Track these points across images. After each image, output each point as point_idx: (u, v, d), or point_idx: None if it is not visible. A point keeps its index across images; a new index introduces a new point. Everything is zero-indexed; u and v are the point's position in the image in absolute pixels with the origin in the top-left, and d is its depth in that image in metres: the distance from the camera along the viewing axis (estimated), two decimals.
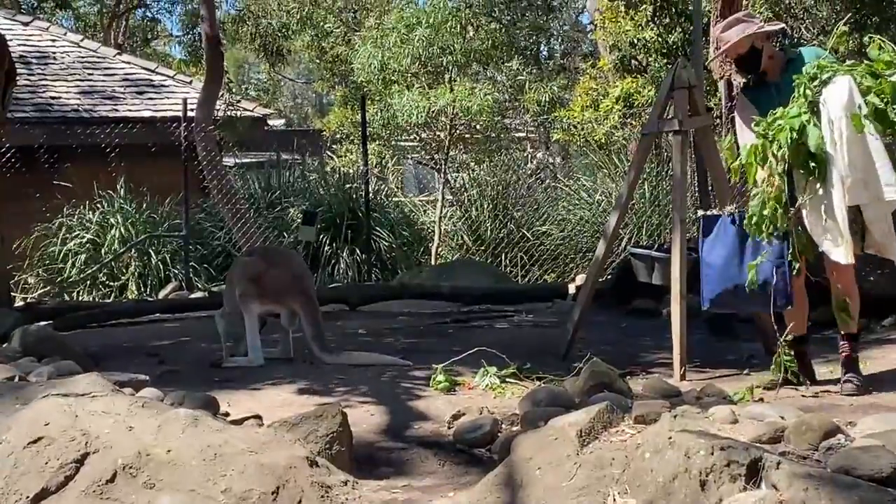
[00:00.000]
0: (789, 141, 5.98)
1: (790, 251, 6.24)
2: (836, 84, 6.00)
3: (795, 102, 6.11)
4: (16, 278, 15.56)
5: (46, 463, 4.72)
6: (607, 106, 18.31)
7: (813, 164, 5.98)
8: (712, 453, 4.02)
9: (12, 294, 11.85)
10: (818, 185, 6.01)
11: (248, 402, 6.47)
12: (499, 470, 4.63)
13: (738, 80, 14.06)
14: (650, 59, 18.10)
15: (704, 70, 12.37)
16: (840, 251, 5.98)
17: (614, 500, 4.21)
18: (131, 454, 4.72)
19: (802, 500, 3.76)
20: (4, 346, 7.88)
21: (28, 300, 14.20)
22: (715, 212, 6.84)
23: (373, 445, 5.66)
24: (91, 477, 4.66)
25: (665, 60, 17.21)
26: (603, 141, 18.38)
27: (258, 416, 5.92)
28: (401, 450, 5.61)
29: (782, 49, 6.80)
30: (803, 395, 6.27)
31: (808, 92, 6.07)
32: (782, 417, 4.91)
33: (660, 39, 17.65)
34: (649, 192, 15.94)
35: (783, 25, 6.67)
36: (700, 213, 6.95)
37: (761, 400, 6.01)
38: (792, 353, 6.53)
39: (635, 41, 17.85)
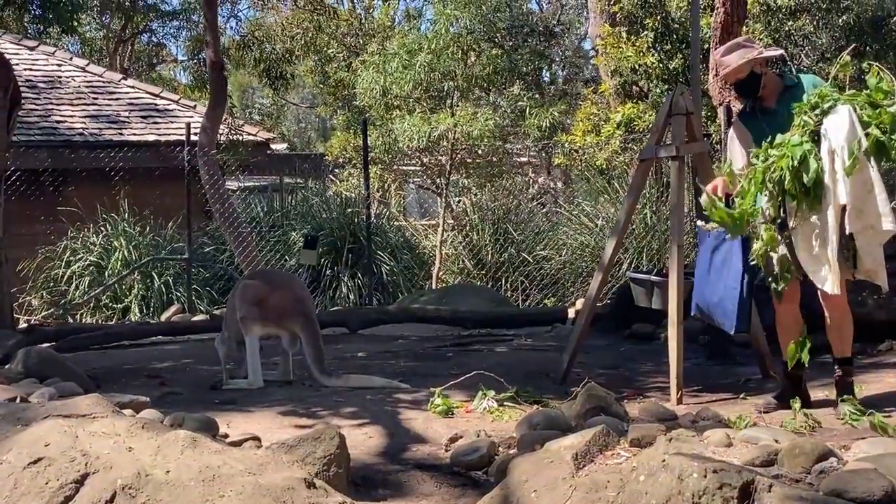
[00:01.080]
0: (790, 168, 6.02)
1: (768, 279, 6.33)
2: (838, 114, 6.03)
3: (796, 130, 6.15)
4: (19, 300, 15.62)
5: (46, 483, 4.76)
6: (608, 131, 18.36)
7: (807, 193, 6.02)
8: (705, 476, 4.06)
9: (16, 316, 11.89)
10: (811, 214, 6.06)
11: (246, 424, 6.51)
12: (495, 492, 4.66)
13: (737, 107, 14.15)
14: (651, 84, 18.17)
15: (703, 96, 12.44)
16: (828, 281, 6.03)
17: None
18: (131, 475, 4.75)
19: None
20: (7, 367, 7.92)
21: (31, 322, 14.25)
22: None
23: (370, 467, 5.68)
24: (90, 497, 4.69)
25: (666, 86, 17.27)
26: (604, 166, 18.43)
27: (257, 438, 5.96)
28: (398, 472, 5.63)
29: (781, 75, 6.85)
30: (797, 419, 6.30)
31: (809, 121, 6.11)
32: (776, 441, 4.96)
33: (661, 65, 17.73)
34: (649, 218, 15.98)
35: (782, 51, 6.71)
36: (699, 223, 7.01)
37: (756, 424, 6.04)
38: (787, 377, 6.60)
39: (636, 67, 17.93)
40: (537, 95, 22.90)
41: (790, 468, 4.55)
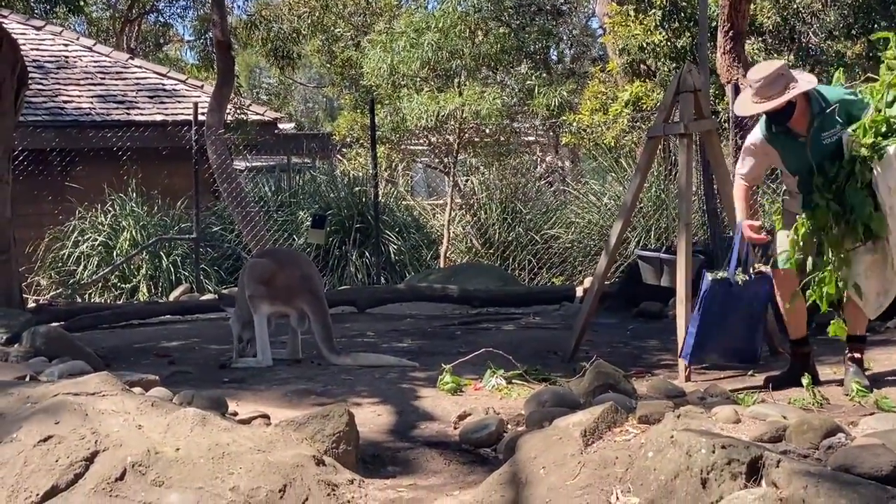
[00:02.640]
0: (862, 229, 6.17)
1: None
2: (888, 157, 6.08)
3: (853, 186, 6.18)
4: (28, 280, 15.65)
5: (56, 461, 4.77)
6: (616, 110, 18.30)
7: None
8: (713, 452, 4.06)
9: (24, 295, 11.92)
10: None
11: (255, 402, 6.52)
12: (503, 469, 4.67)
13: (745, 84, 14.10)
14: (659, 63, 18.11)
15: (711, 74, 12.41)
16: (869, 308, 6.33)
17: (617, 498, 4.26)
18: (140, 452, 4.77)
19: (802, 497, 3.80)
20: (16, 346, 7.93)
21: (40, 302, 14.28)
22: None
23: (379, 445, 5.70)
24: (100, 475, 4.71)
25: (674, 64, 17.22)
26: (612, 144, 18.39)
27: (266, 416, 5.97)
28: (407, 449, 5.65)
29: (807, 97, 6.64)
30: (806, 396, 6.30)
31: (865, 173, 6.15)
32: (784, 417, 4.96)
33: (669, 43, 17.67)
34: (657, 196, 15.96)
35: (814, 80, 6.50)
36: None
37: (764, 400, 6.04)
38: (794, 354, 6.61)
39: (644, 45, 17.86)
40: (545, 74, 22.84)
41: (798, 444, 4.55)
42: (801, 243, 6.33)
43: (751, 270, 6.78)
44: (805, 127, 6.38)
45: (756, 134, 6.64)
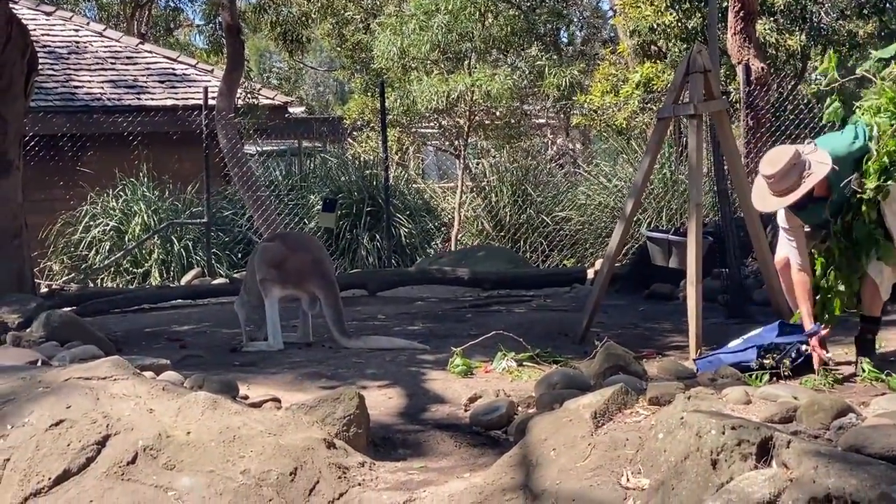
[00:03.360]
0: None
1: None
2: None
3: (860, 222, 6.30)
4: (40, 265, 15.69)
5: (68, 445, 4.80)
6: (627, 91, 18.27)
7: None
8: (723, 433, 4.06)
9: (36, 280, 11.95)
10: None
11: (266, 386, 6.53)
12: (514, 451, 4.67)
13: (756, 65, 14.06)
14: (670, 44, 18.07)
15: (722, 54, 12.38)
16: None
17: (627, 479, 4.26)
18: (152, 436, 4.79)
19: (812, 477, 3.79)
20: (28, 330, 7.95)
21: (52, 286, 14.32)
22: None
23: (390, 428, 5.70)
24: (112, 458, 4.73)
25: (685, 45, 17.17)
26: (623, 126, 18.35)
27: (277, 399, 5.98)
28: (417, 432, 5.65)
29: None
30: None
31: (871, 213, 6.28)
32: (795, 398, 4.96)
33: (679, 24, 17.62)
34: (668, 177, 15.93)
35: (829, 166, 6.46)
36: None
37: (774, 381, 6.05)
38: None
39: (655, 26, 17.81)
40: (555, 56, 22.78)
41: (809, 424, 4.55)
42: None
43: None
44: (825, 189, 6.34)
45: (780, 214, 6.57)
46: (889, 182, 6.13)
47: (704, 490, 3.95)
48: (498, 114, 19.89)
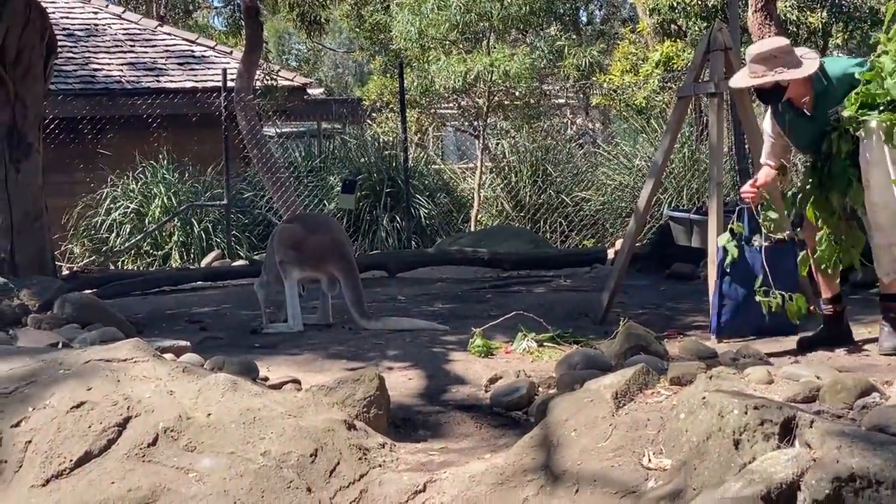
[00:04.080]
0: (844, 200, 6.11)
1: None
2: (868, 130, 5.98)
3: (838, 158, 6.13)
4: (61, 248, 15.75)
5: (89, 427, 4.80)
6: (647, 70, 18.21)
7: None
8: (746, 413, 4.03)
9: (57, 263, 11.98)
10: None
11: (286, 367, 6.53)
12: (535, 432, 4.66)
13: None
14: (690, 22, 17.98)
15: (743, 32, 12.30)
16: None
17: (649, 460, 4.24)
18: (172, 418, 4.79)
19: (835, 457, 3.77)
20: (49, 313, 7.96)
21: (73, 269, 14.36)
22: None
23: (410, 409, 5.70)
24: (133, 440, 4.74)
25: (705, 23, 17.09)
26: (642, 105, 18.29)
27: (297, 381, 5.98)
28: (438, 413, 5.64)
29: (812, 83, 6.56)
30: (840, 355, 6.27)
31: (842, 144, 6.11)
32: (818, 377, 4.92)
33: (699, 2, 17.53)
34: (688, 156, 15.87)
35: (818, 62, 6.40)
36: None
37: (797, 361, 6.01)
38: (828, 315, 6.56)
39: (675, 4, 17.73)
40: (574, 36, 22.71)
41: (832, 404, 4.52)
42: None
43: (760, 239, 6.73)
44: (807, 102, 6.34)
45: (766, 118, 6.67)
46: (867, 118, 5.96)
47: (727, 470, 3.92)
48: (517, 94, 19.84)
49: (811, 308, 7.05)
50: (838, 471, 3.69)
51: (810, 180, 6.33)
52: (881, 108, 5.92)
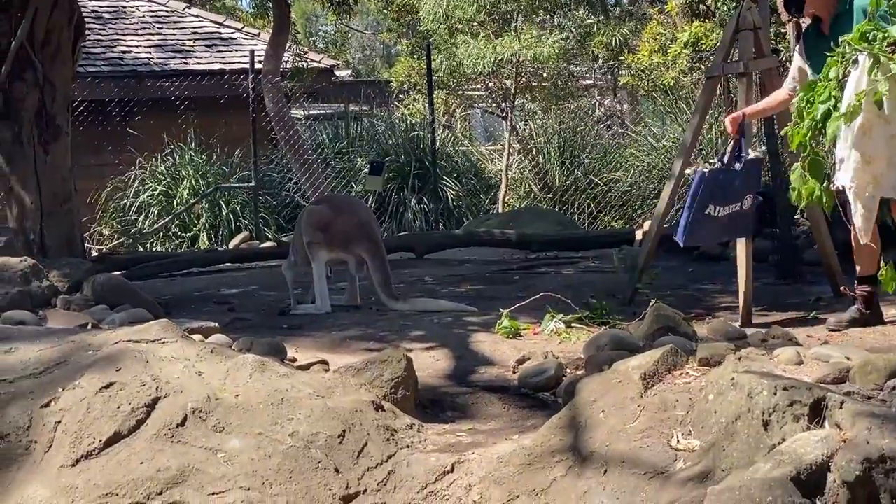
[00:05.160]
0: (813, 126, 5.83)
1: None
2: (855, 71, 5.74)
3: (825, 83, 5.84)
4: (90, 230, 15.82)
5: (119, 407, 4.83)
6: (675, 50, 18.11)
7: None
8: (775, 393, 4.01)
9: (86, 245, 12.03)
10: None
11: (314, 348, 6.54)
12: (563, 413, 4.65)
13: (806, 22, 13.88)
14: (718, 2, 17.86)
15: (772, 12, 12.21)
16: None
17: (678, 441, 4.23)
18: (201, 398, 4.81)
19: (865, 438, 3.75)
20: (78, 294, 8.01)
21: (102, 251, 14.42)
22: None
23: (438, 390, 5.70)
24: (162, 420, 4.76)
25: (734, 3, 16.95)
26: (671, 86, 18.19)
27: (324, 362, 5.98)
28: (466, 394, 5.64)
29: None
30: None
31: (835, 73, 5.87)
32: (847, 358, 4.89)
33: None
34: (717, 137, 15.79)
35: None
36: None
37: (826, 342, 5.98)
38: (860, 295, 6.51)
39: None
40: (602, 17, 22.61)
41: (862, 385, 4.49)
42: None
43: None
44: (829, 26, 6.43)
45: (795, 56, 6.78)
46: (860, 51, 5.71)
47: (756, 451, 3.91)
48: (545, 75, 19.78)
49: (844, 289, 7.01)
50: (868, 452, 3.67)
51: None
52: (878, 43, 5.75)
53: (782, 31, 15.19)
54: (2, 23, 9.65)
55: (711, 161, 7.05)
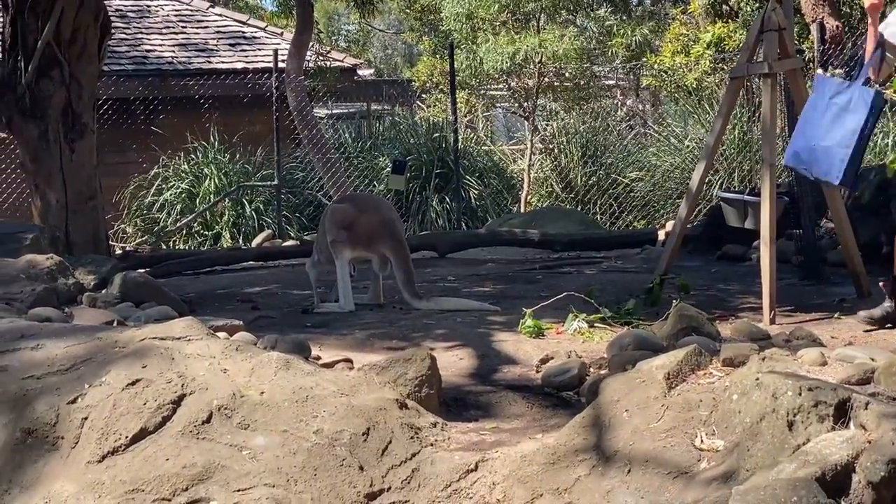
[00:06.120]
0: None
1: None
2: None
3: None
4: (114, 227, 15.90)
5: (144, 404, 4.85)
6: (698, 51, 18.09)
7: None
8: (800, 394, 4.01)
9: (111, 243, 12.09)
10: None
11: (338, 347, 6.55)
12: (586, 412, 4.66)
13: (830, 24, 13.85)
14: (742, 2, 17.84)
15: (796, 13, 12.20)
16: None
17: (701, 441, 4.23)
18: (226, 396, 4.83)
19: (891, 439, 3.74)
20: (103, 292, 8.04)
21: (126, 249, 14.49)
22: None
23: (461, 388, 5.70)
24: (187, 417, 4.78)
25: (757, 3, 16.95)
26: (693, 86, 18.17)
27: (348, 360, 6.00)
28: (489, 393, 5.65)
29: None
30: None
31: None
32: (872, 359, 4.88)
33: None
34: (740, 138, 15.76)
35: None
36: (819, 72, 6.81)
37: (851, 343, 5.97)
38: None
39: None
40: (624, 17, 22.60)
41: (887, 386, 4.48)
42: None
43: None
44: None
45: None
46: None
47: (780, 451, 3.91)
48: (567, 75, 19.77)
49: (882, 284, 6.99)
50: (894, 453, 3.67)
51: None
52: None
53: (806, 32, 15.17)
54: (29, 21, 9.72)
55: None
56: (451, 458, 4.63)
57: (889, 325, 6.47)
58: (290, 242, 14.09)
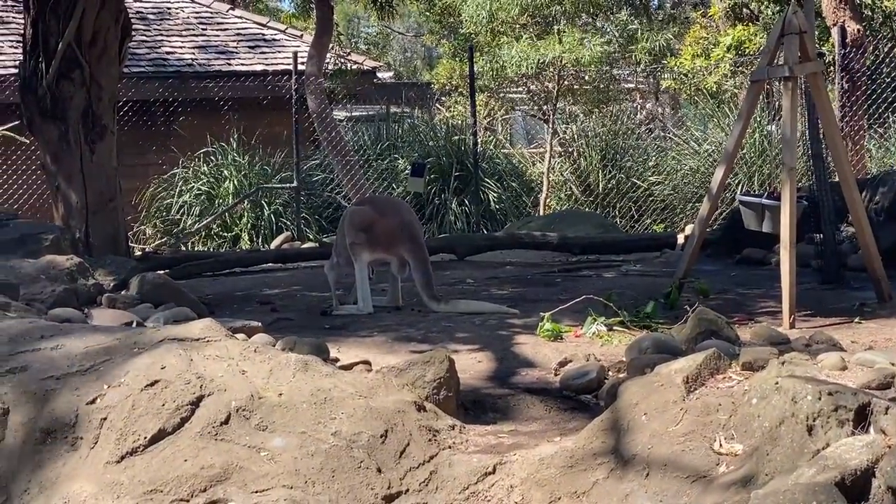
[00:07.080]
0: None
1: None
2: None
3: None
4: (134, 229, 15.95)
5: (163, 405, 4.85)
6: (718, 54, 18.06)
7: None
8: (819, 398, 4.00)
9: (130, 244, 12.13)
10: None
11: (357, 349, 6.55)
12: (605, 415, 4.65)
13: (851, 27, 13.81)
14: (762, 6, 17.80)
15: (817, 16, 12.17)
16: None
17: (720, 445, 4.22)
18: (244, 397, 4.83)
19: None
20: (123, 293, 8.07)
21: (146, 250, 14.53)
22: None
23: (479, 391, 5.70)
24: (206, 419, 4.78)
25: (777, 7, 16.91)
26: (713, 90, 18.13)
27: (367, 362, 6.00)
28: (507, 396, 5.64)
29: None
30: None
31: None
32: (892, 364, 4.86)
33: None
34: (760, 141, 15.72)
35: None
36: None
37: (871, 347, 5.95)
38: None
39: None
40: (645, 21, 22.57)
41: None
42: None
43: None
44: None
45: None
46: None
47: (800, 456, 3.90)
48: (587, 78, 19.76)
49: (888, 296, 6.98)
50: None
51: None
52: None
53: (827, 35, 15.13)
54: (50, 23, 9.77)
55: None
56: (468, 460, 4.63)
57: None
58: (308, 244, 14.11)
